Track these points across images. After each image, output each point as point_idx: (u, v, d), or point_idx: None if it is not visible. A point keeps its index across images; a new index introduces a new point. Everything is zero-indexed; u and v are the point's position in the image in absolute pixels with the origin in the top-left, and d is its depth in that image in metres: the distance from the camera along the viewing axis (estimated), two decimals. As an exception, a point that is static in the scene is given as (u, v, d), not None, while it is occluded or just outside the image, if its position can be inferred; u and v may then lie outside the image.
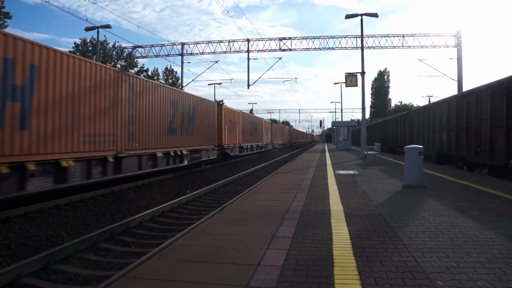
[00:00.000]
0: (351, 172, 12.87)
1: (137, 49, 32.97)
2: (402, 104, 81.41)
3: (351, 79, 24.21)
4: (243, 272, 3.49)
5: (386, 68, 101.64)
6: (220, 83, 49.07)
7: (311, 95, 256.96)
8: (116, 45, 43.00)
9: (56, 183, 9.37)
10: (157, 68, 77.68)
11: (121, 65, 43.19)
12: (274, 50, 31.38)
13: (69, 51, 17.34)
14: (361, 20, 21.63)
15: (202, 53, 32.04)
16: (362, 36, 22.47)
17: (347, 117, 67.99)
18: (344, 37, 30.73)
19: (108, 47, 42.78)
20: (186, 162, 17.14)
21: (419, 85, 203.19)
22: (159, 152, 14.54)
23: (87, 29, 24.97)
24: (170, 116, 15.64)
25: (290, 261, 3.76)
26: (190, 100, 18.23)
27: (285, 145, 57.82)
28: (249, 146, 31.32)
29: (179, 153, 16.31)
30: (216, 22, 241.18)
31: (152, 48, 32.58)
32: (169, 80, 60.24)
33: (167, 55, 32.47)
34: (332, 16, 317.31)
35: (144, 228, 7.76)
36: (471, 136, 13.20)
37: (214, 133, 21.56)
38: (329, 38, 31.06)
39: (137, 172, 13.18)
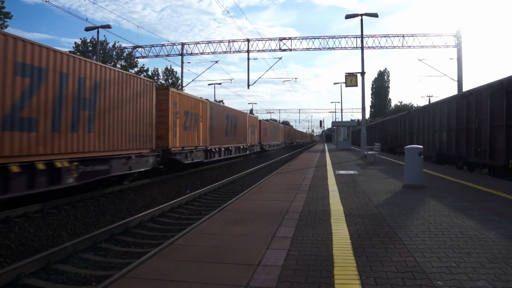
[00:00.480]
0: (351, 172, 12.87)
1: (137, 49, 33.01)
2: (402, 104, 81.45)
3: (351, 79, 24.24)
4: (243, 272, 3.49)
5: (386, 68, 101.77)
6: (220, 83, 49.13)
7: (311, 95, 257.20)
8: (116, 45, 43.08)
9: None
10: (157, 68, 77.75)
11: (121, 65, 43.22)
12: (274, 50, 31.41)
13: (69, 51, 17.31)
14: (361, 20, 21.67)
15: (202, 53, 32.10)
16: (362, 36, 22.49)
17: (347, 117, 68.09)
18: (344, 37, 30.76)
19: (108, 47, 42.80)
20: (71, 181, 9.66)
21: (419, 85, 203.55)
22: None
23: (87, 29, 25.02)
24: (14, 93, 7.98)
25: (290, 261, 3.76)
26: (87, 70, 10.33)
27: (280, 146, 51.43)
28: (222, 149, 23.27)
29: (41, 167, 8.55)
30: (216, 22, 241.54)
31: (152, 48, 32.63)
32: (169, 80, 60.29)
33: (167, 55, 32.53)
34: (332, 16, 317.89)
35: (144, 228, 7.77)
36: (471, 136, 13.20)
37: (151, 131, 14.01)
38: (329, 38, 31.08)
39: None
